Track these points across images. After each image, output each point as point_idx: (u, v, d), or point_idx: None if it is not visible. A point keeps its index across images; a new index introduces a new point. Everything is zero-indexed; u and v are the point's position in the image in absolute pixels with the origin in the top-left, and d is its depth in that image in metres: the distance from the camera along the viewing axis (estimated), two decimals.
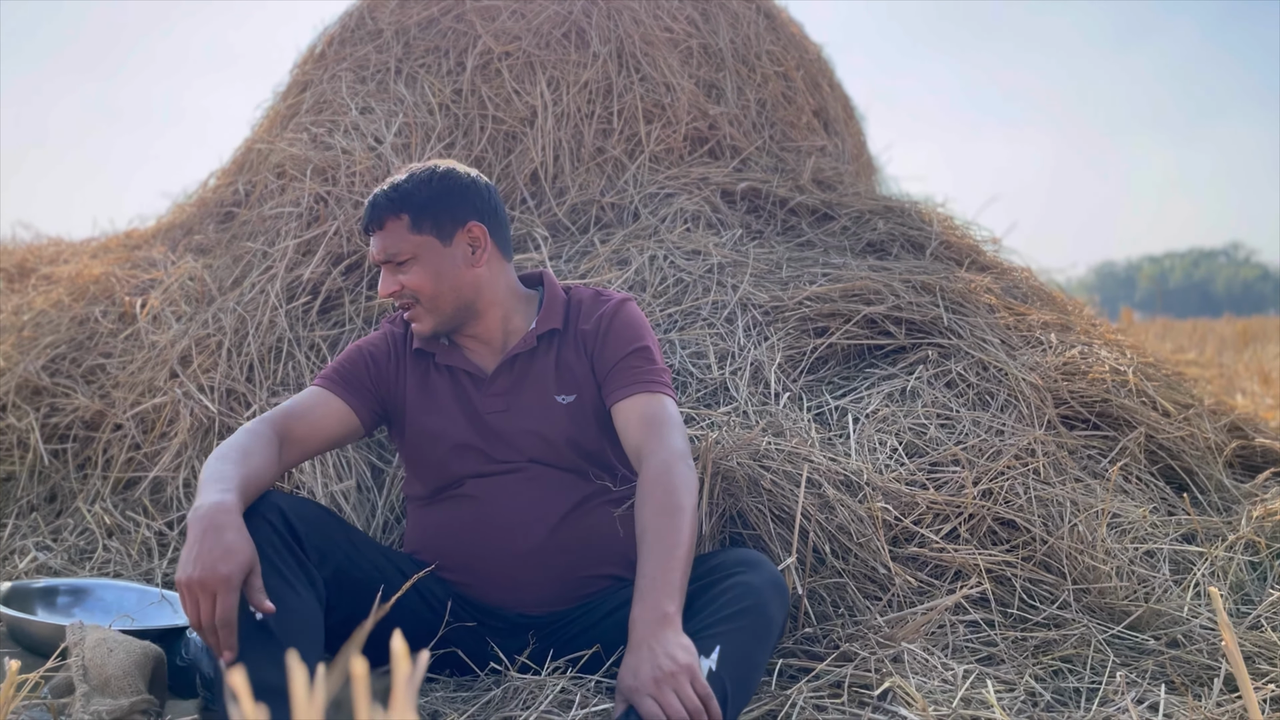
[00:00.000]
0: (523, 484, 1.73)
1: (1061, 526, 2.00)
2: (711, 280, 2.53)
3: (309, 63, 3.11)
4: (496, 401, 1.75)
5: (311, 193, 2.44)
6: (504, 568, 1.70)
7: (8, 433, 2.47)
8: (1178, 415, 2.44)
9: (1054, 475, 2.12)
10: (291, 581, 1.43)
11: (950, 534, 2.00)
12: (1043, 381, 2.30)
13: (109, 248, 3.11)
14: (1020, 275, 2.91)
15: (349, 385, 1.75)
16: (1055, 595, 1.93)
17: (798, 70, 3.45)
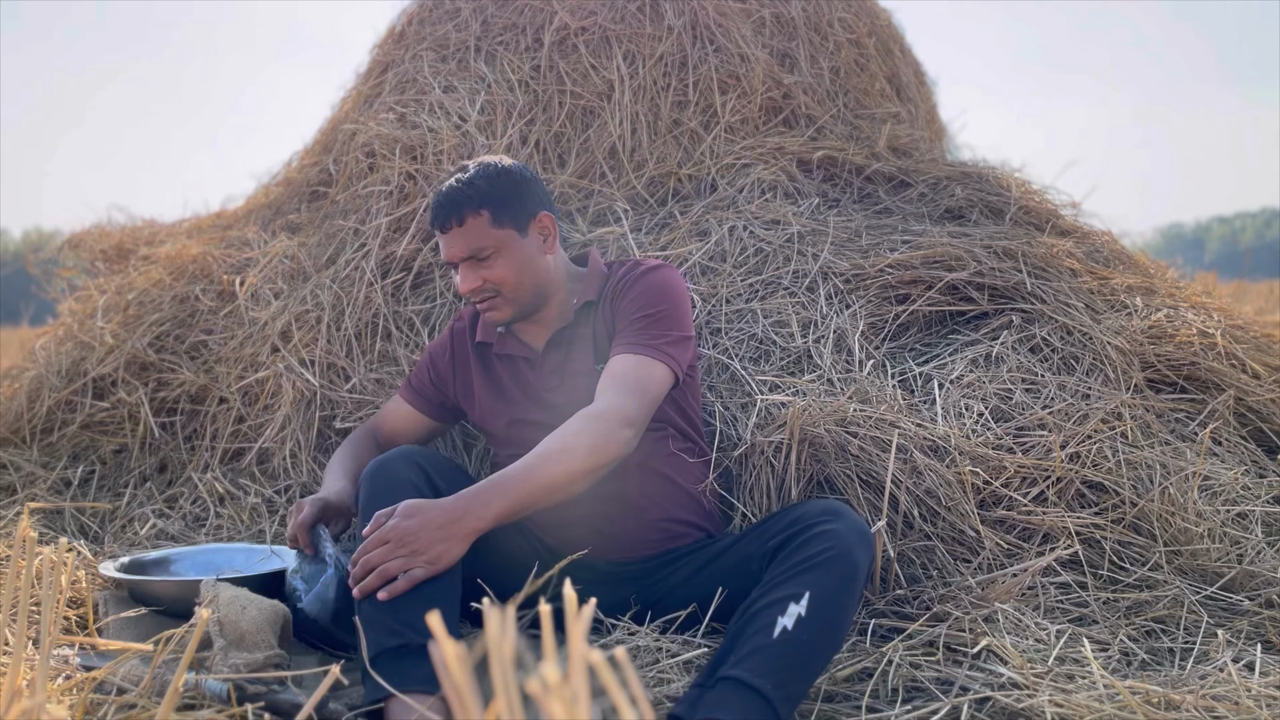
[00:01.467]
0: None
1: (1151, 489, 2.01)
2: (791, 249, 2.56)
3: (389, 43, 3.17)
4: (551, 379, 1.86)
5: (401, 171, 2.51)
6: (585, 518, 1.79)
7: (119, 407, 2.59)
8: (1268, 377, 2.41)
9: (1142, 438, 2.12)
10: None
11: (1038, 497, 2.02)
12: (1129, 345, 2.30)
13: (202, 228, 3.22)
14: (1101, 239, 2.89)
15: (418, 393, 1.99)
16: (1146, 557, 1.95)
17: (869, 37, 3.43)
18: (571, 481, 1.59)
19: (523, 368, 1.89)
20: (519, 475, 1.55)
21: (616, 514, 1.80)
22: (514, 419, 1.87)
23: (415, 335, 2.37)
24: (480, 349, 1.94)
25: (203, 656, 1.52)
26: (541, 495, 1.56)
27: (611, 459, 1.63)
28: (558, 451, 1.58)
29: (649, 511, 1.82)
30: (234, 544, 2.05)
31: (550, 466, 1.57)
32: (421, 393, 1.99)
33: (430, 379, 1.98)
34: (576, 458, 1.58)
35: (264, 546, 1.98)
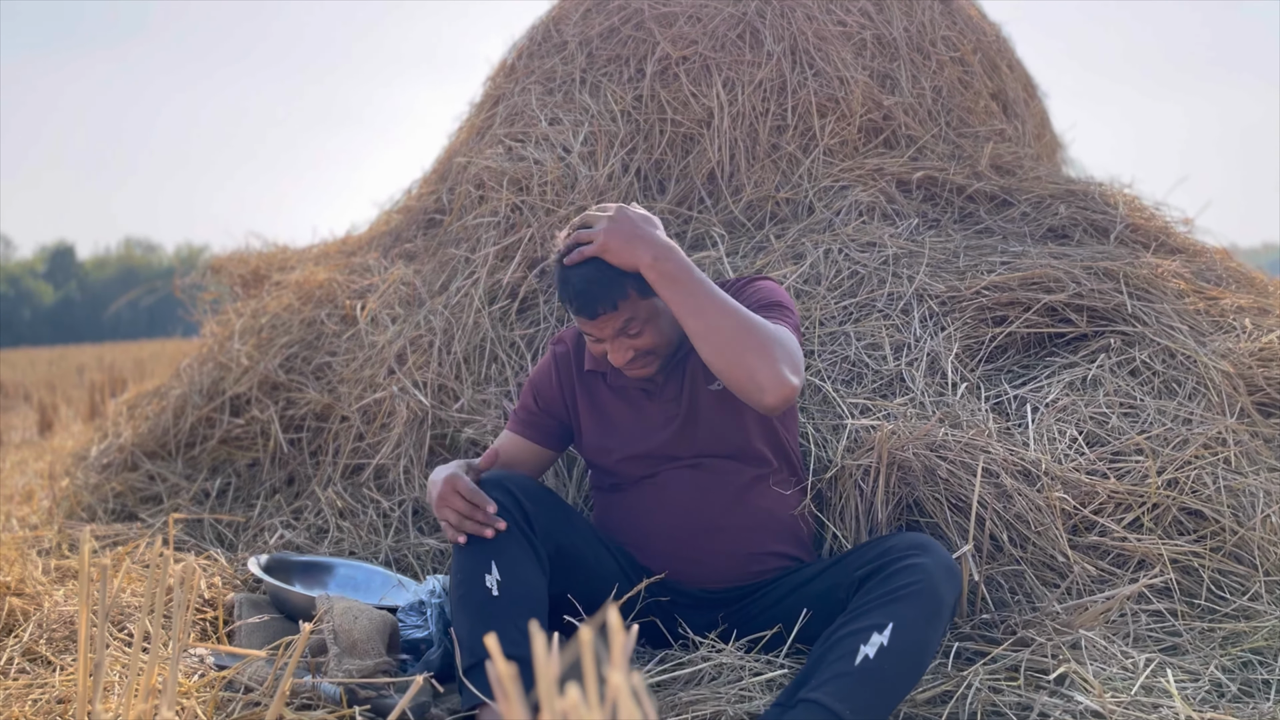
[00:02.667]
0: (693, 474, 1.88)
1: (1254, 517, 1.97)
2: (887, 272, 2.59)
3: (500, 76, 3.33)
4: (671, 407, 1.90)
5: (508, 202, 2.65)
6: (681, 547, 1.86)
7: (253, 424, 2.80)
8: None
9: (1246, 464, 2.08)
10: (520, 557, 1.61)
11: (1133, 524, 2.00)
12: (1235, 368, 2.25)
13: (329, 254, 3.44)
14: (1215, 257, 2.82)
15: (527, 425, 2.00)
16: (1246, 587, 1.91)
17: (975, 54, 3.42)
18: (761, 332, 1.67)
19: (639, 398, 1.92)
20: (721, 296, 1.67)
21: (713, 546, 1.86)
22: (633, 454, 1.90)
23: (520, 358, 2.49)
24: (589, 378, 1.97)
25: (320, 662, 1.66)
26: (714, 317, 1.66)
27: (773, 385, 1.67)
28: (768, 338, 1.67)
29: (746, 545, 1.88)
30: (370, 565, 2.18)
31: (759, 324, 1.67)
32: (530, 423, 1.99)
33: (538, 407, 1.99)
34: (769, 355, 1.65)
35: (394, 575, 2.12)
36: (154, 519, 2.54)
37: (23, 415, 7.61)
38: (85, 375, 9.50)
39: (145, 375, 8.85)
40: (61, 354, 20.24)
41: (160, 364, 10.40)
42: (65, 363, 13.42)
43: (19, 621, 1.88)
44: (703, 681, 1.74)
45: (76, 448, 4.14)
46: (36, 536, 2.44)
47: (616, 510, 1.95)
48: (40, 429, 6.53)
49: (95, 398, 6.73)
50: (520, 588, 1.59)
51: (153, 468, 2.82)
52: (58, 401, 7.20)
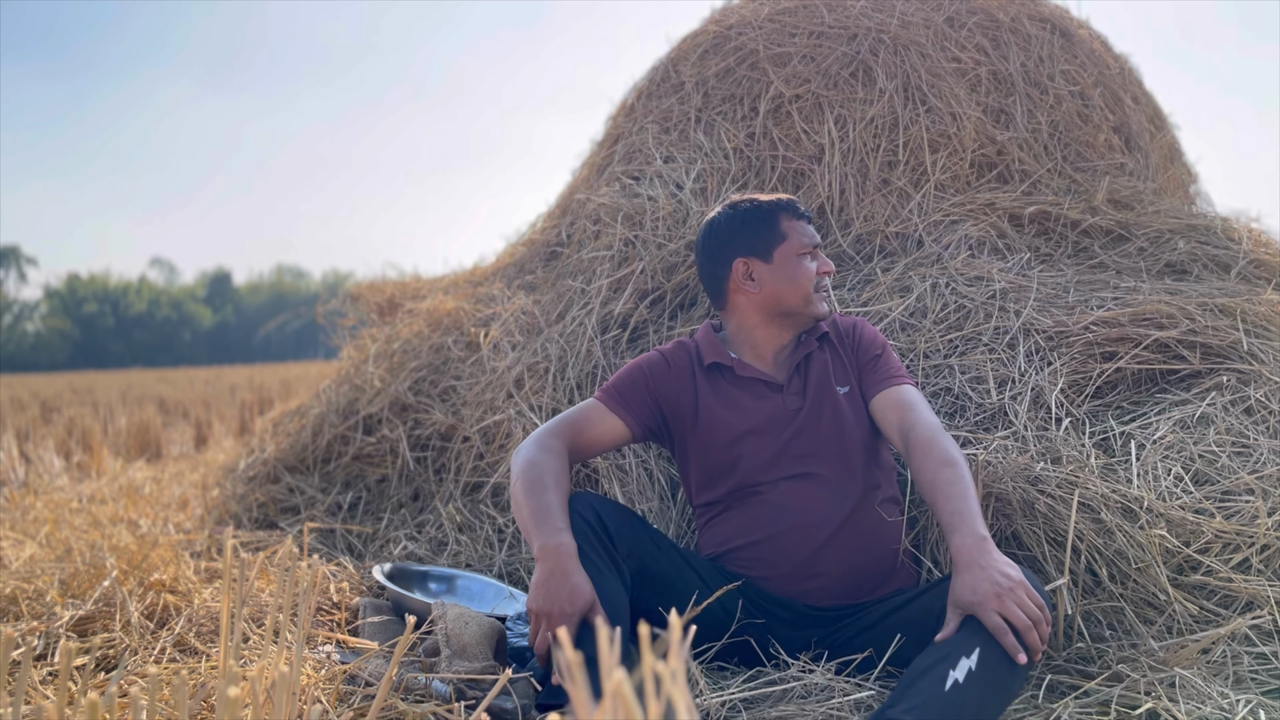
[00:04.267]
0: (810, 487, 1.95)
1: None
2: (994, 306, 2.60)
3: (620, 115, 3.48)
4: (794, 400, 2.01)
5: (621, 237, 2.78)
6: (794, 563, 1.92)
7: (383, 442, 2.99)
8: None
9: None
10: (603, 570, 1.71)
11: (1241, 564, 1.97)
12: None
13: (458, 284, 3.64)
14: None
15: (625, 401, 2.01)
16: None
17: (1095, 87, 3.40)
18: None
19: (764, 391, 2.02)
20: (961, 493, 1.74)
21: (823, 561, 1.92)
22: (756, 445, 1.97)
23: None
24: (712, 370, 2.04)
25: (434, 661, 1.80)
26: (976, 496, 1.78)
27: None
28: (950, 462, 1.80)
29: (853, 563, 1.94)
30: (485, 577, 2.32)
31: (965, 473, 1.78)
32: (633, 404, 2.01)
33: (647, 391, 2.02)
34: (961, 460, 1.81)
35: (506, 587, 2.25)
36: (292, 527, 2.75)
37: (181, 431, 8.18)
38: (237, 395, 10.12)
39: (290, 395, 9.39)
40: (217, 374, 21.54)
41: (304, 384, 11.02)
42: (220, 382, 14.28)
43: (172, 615, 2.08)
44: (792, 700, 1.80)
45: (227, 461, 4.47)
46: (189, 540, 2.68)
47: (728, 528, 1.99)
48: (196, 443, 7.03)
49: (245, 415, 7.20)
50: (603, 603, 1.67)
51: (292, 480, 3.05)
52: (212, 418, 7.73)
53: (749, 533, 1.95)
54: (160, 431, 7.15)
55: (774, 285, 2.02)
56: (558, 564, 1.65)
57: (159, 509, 3.55)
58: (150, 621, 2.07)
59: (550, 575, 1.64)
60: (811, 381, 2.02)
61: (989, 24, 3.37)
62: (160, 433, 6.89)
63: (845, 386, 2.05)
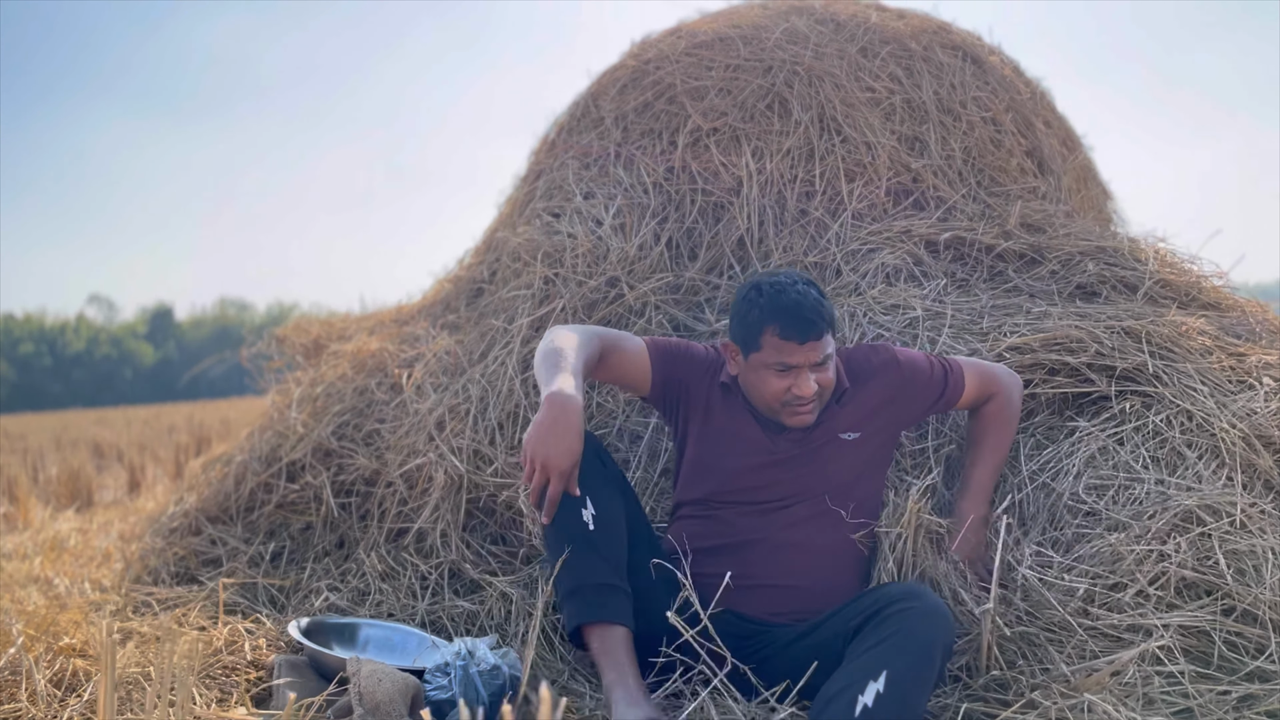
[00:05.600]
0: (779, 517, 2.03)
1: (1269, 576, 1.96)
2: (910, 335, 2.64)
3: (542, 150, 3.48)
4: (787, 445, 2.06)
5: (541, 275, 2.77)
6: (756, 588, 1.99)
7: (306, 489, 2.95)
8: None
9: (1265, 525, 2.07)
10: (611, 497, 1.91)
11: (1149, 586, 2.01)
12: (1255, 429, 2.24)
13: (384, 323, 3.61)
14: (1249, 310, 2.80)
15: (664, 359, 2.13)
16: (1263, 648, 1.90)
17: (1007, 113, 3.47)
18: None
19: (767, 422, 2.07)
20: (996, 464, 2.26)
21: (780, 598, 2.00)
22: (738, 473, 2.05)
23: None
24: (726, 389, 2.11)
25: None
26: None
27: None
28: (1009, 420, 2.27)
29: (809, 595, 2.00)
30: (406, 627, 2.28)
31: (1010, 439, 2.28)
32: (667, 365, 2.13)
33: (682, 366, 2.14)
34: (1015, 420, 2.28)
35: (428, 636, 2.21)
36: (212, 581, 2.69)
37: (115, 475, 8.00)
38: (174, 436, 9.91)
39: (229, 434, 9.22)
40: (158, 413, 21.08)
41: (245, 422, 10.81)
42: (159, 422, 13.99)
43: (81, 682, 2.02)
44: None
45: (155, 509, 4.37)
46: (103, 600, 2.61)
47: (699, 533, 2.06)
48: (129, 488, 6.86)
49: (180, 458, 7.05)
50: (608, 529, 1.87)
51: (214, 531, 2.99)
52: (146, 462, 7.56)
53: (714, 547, 2.02)
54: (93, 477, 6.98)
55: (745, 380, 2.07)
56: (563, 415, 1.79)
57: (81, 564, 3.46)
58: (58, 689, 2.00)
59: (554, 424, 1.79)
60: (814, 434, 2.07)
61: (902, 53, 3.43)
62: (92, 479, 6.73)
63: (855, 433, 2.09)
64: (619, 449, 2.54)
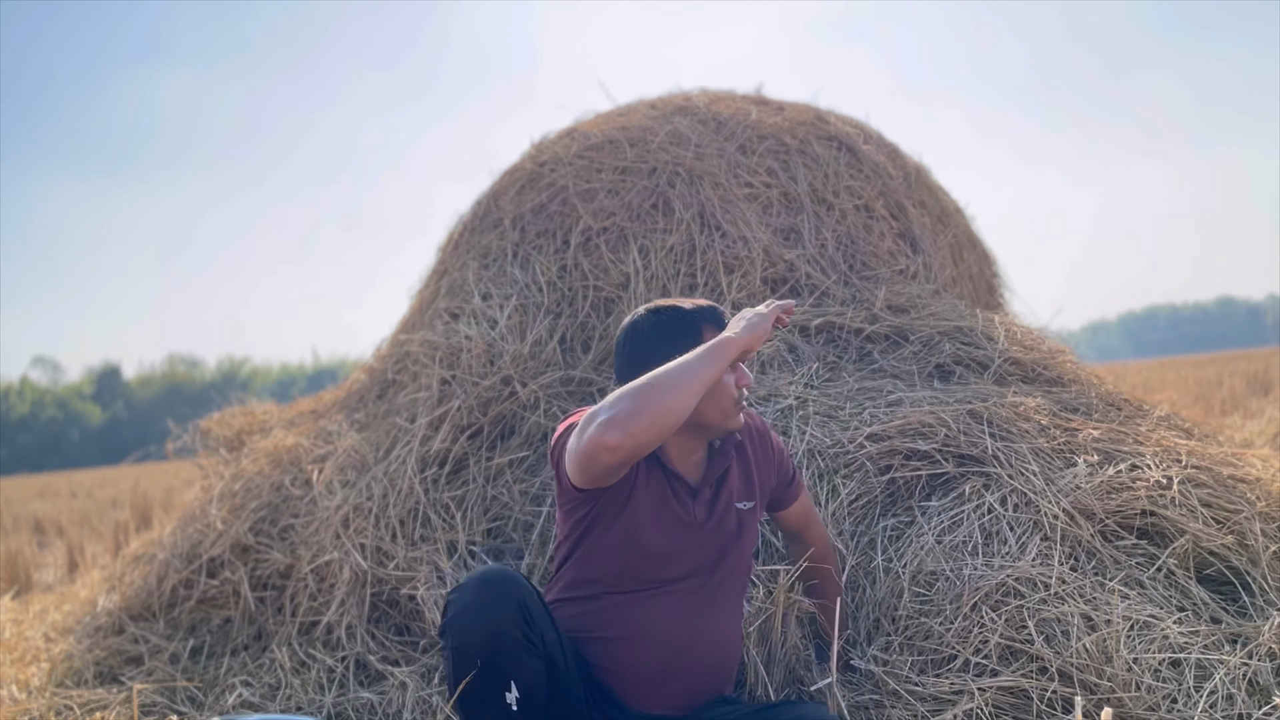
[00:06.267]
0: (681, 601, 2.00)
1: (1074, 640, 2.20)
2: (781, 424, 2.87)
3: (447, 249, 3.71)
4: (702, 510, 2.03)
5: (439, 377, 2.98)
6: (643, 673, 2.00)
7: (226, 584, 3.11)
8: (1227, 521, 2.55)
9: (1077, 591, 2.31)
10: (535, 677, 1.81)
11: (972, 654, 2.24)
12: (1077, 504, 2.49)
13: (302, 414, 3.79)
14: (1090, 382, 3.07)
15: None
16: (1072, 707, 2.13)
17: (879, 199, 3.75)
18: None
19: (681, 491, 2.01)
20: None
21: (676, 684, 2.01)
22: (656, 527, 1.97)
23: (450, 518, 2.79)
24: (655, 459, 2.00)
25: None
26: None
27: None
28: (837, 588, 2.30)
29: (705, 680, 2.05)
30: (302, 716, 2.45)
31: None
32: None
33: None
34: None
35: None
36: (134, 679, 2.84)
37: (56, 553, 8.00)
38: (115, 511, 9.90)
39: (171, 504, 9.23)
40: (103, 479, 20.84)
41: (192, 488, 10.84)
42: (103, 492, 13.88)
43: None
44: None
45: (89, 596, 4.48)
46: (25, 708, 2.75)
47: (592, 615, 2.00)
48: (69, 568, 6.90)
49: (120, 537, 7.10)
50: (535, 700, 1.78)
51: (137, 630, 3.13)
52: (86, 539, 7.59)
53: (608, 628, 1.99)
54: (32, 559, 7.01)
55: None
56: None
57: (13, 659, 3.57)
58: None
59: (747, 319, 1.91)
60: (722, 497, 2.07)
61: (779, 148, 3.71)
62: (31, 561, 6.76)
63: (748, 503, 2.13)
64: (512, 539, 2.74)
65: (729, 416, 2.01)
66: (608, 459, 1.74)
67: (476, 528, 2.74)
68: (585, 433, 1.75)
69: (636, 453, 1.75)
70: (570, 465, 1.86)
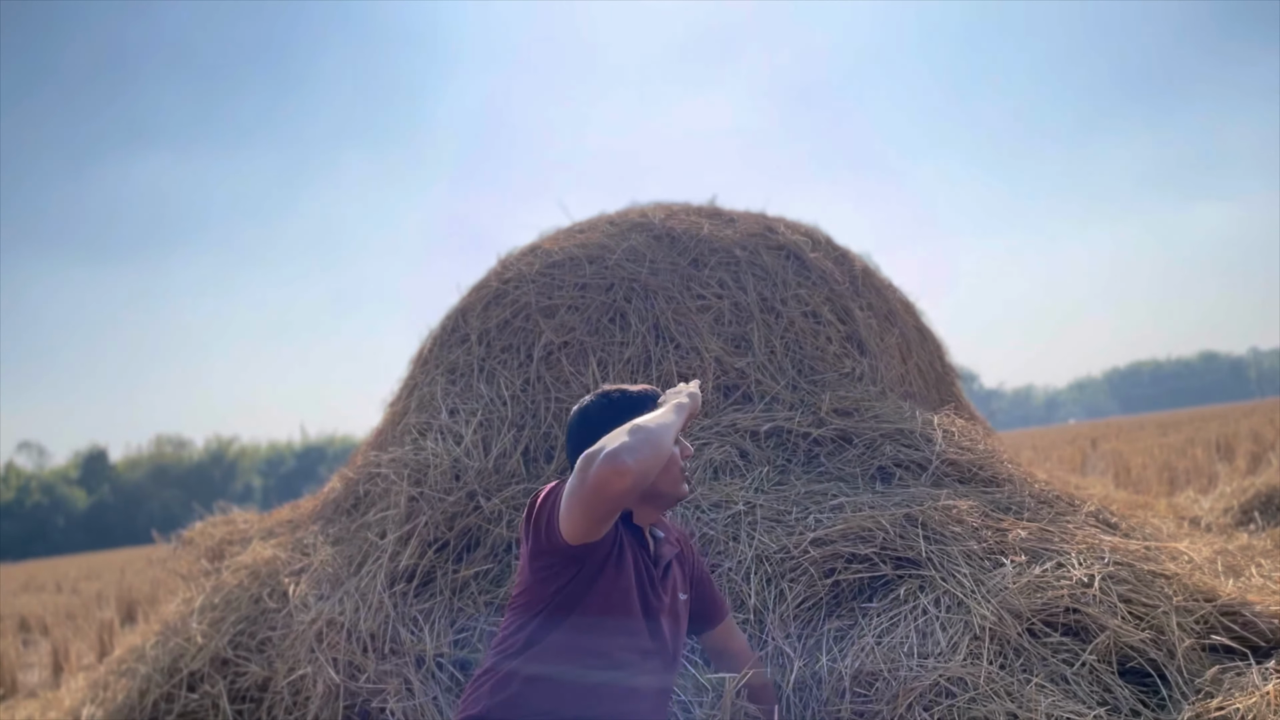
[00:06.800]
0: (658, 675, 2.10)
1: None
2: (731, 531, 3.04)
3: (417, 364, 3.90)
4: (664, 593, 2.14)
5: (407, 494, 3.16)
6: None
7: (205, 698, 3.23)
8: (1146, 616, 2.72)
9: (1004, 689, 2.47)
10: None
11: None
12: (1005, 604, 2.66)
13: (280, 524, 3.94)
14: (1022, 481, 3.26)
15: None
16: None
17: (825, 304, 3.97)
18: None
19: (648, 568, 2.12)
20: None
21: None
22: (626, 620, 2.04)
23: (419, 631, 2.94)
24: (633, 530, 2.13)
25: None
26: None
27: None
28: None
29: None
30: None
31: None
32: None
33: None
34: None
35: None
36: None
37: (40, 653, 8.04)
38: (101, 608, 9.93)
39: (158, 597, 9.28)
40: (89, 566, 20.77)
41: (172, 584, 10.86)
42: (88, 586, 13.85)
43: None
44: None
45: (72, 705, 4.56)
46: None
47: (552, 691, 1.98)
48: (54, 669, 6.95)
49: (104, 638, 7.17)
50: None
51: None
52: (70, 639, 7.64)
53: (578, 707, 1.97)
54: (18, 657, 7.06)
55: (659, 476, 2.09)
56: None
57: None
58: None
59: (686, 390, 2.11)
60: (670, 578, 2.18)
61: (729, 260, 3.94)
62: (15, 662, 6.82)
63: (687, 595, 2.29)
64: (478, 649, 2.89)
65: (678, 483, 2.15)
66: (618, 485, 1.80)
67: (443, 639, 2.89)
68: (590, 469, 1.82)
69: (642, 480, 1.82)
70: (570, 511, 1.91)
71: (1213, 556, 3.22)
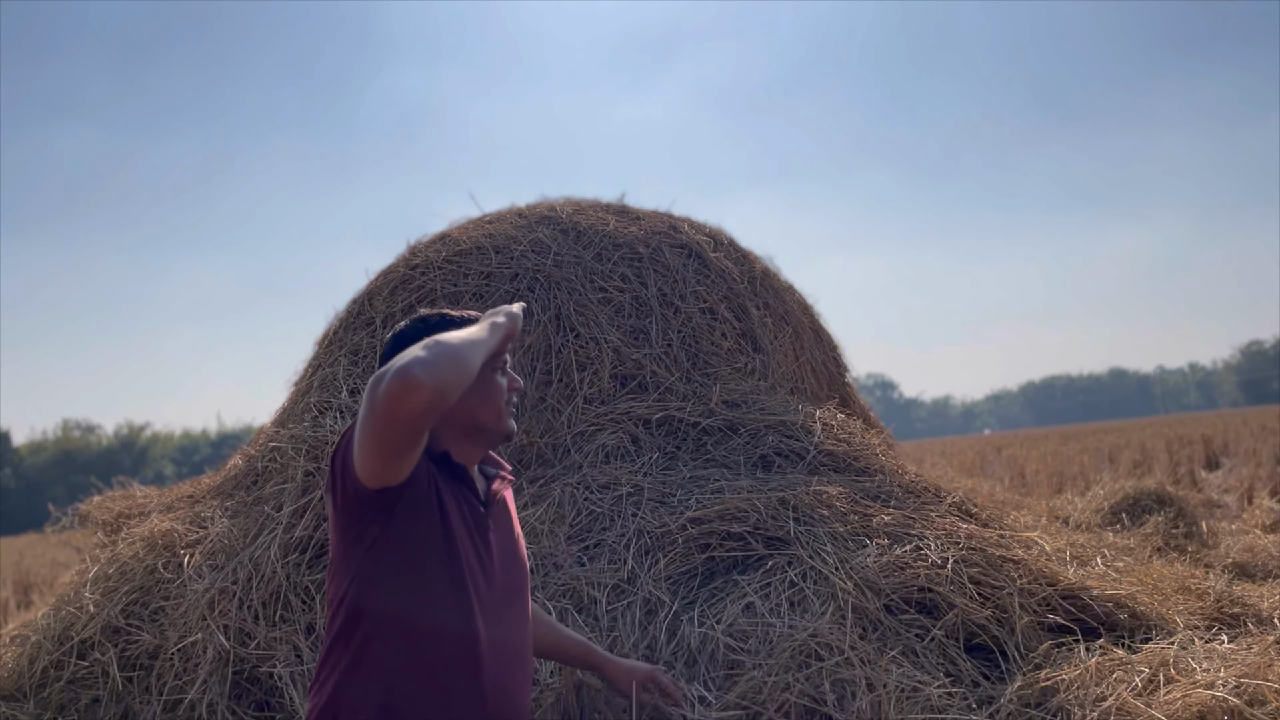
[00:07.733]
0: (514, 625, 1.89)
1: (857, 701, 2.55)
2: (616, 510, 3.20)
3: (322, 345, 3.98)
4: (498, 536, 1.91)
5: (303, 469, 3.24)
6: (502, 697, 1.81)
7: (95, 665, 3.28)
8: (992, 597, 2.94)
9: (865, 656, 2.66)
10: None
11: (776, 713, 2.56)
12: (865, 580, 2.86)
13: (180, 499, 3.98)
14: (894, 474, 3.48)
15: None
16: None
17: (722, 302, 4.16)
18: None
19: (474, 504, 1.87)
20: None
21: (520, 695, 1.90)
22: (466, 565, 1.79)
23: (311, 602, 3.04)
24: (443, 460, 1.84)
25: None
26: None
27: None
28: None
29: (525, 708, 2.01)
30: None
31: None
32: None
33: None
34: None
35: None
36: None
37: None
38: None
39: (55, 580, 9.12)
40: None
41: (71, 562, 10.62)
42: None
43: None
44: None
45: None
46: None
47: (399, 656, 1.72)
48: None
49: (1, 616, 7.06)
50: None
51: (7, 709, 3.27)
52: None
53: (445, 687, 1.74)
54: None
55: (469, 399, 1.80)
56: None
57: None
58: None
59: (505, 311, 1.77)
60: (508, 517, 1.98)
61: (632, 256, 4.10)
62: None
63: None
64: None
65: (502, 418, 1.88)
66: (411, 403, 1.52)
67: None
68: (380, 387, 1.54)
69: (439, 397, 1.55)
70: (364, 445, 1.61)
71: (1063, 547, 3.47)
